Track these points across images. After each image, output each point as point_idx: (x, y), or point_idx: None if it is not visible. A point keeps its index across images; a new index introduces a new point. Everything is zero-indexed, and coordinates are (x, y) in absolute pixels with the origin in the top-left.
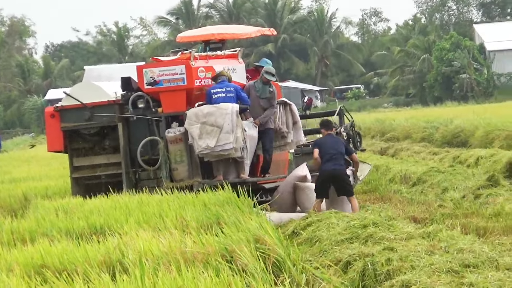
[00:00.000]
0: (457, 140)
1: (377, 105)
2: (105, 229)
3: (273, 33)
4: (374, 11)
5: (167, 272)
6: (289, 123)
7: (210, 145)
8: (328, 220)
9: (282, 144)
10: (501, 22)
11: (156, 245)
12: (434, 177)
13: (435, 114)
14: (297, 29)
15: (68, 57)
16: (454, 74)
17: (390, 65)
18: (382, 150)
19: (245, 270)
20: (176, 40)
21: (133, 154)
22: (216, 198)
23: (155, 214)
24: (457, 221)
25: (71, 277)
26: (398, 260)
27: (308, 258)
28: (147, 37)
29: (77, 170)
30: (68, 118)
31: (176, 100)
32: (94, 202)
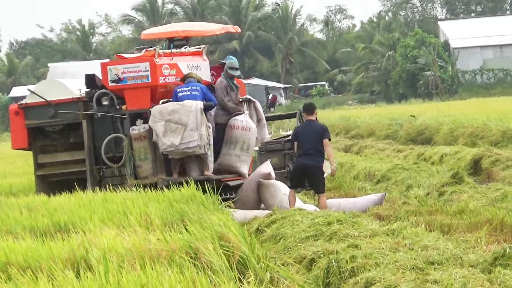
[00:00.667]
0: (421, 137)
1: (341, 102)
2: (69, 227)
3: (237, 30)
4: (339, 8)
5: (131, 270)
6: (254, 121)
7: (174, 142)
8: (292, 218)
9: None
10: (465, 19)
11: (120, 243)
12: (399, 174)
13: (400, 111)
14: (262, 26)
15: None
16: (419, 71)
17: (354, 62)
18: (346, 147)
19: (210, 267)
20: (141, 37)
21: (97, 151)
22: (181, 196)
23: (119, 211)
24: (422, 218)
25: (36, 274)
26: (362, 257)
27: (273, 256)
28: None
29: (41, 168)
30: (33, 115)
31: (140, 98)
32: (58, 199)
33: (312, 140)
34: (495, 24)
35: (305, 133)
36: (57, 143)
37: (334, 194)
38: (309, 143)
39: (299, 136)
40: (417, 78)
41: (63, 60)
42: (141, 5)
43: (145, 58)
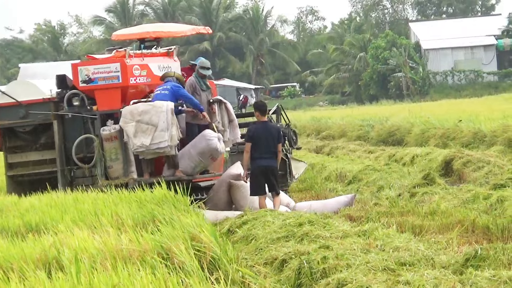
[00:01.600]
0: (392, 138)
1: (312, 103)
2: (40, 227)
3: (208, 31)
4: (311, 9)
5: (103, 270)
6: (225, 122)
7: (145, 143)
8: (263, 218)
9: None
10: (436, 21)
11: (92, 243)
12: (370, 176)
13: (371, 112)
14: (233, 28)
15: (3, 55)
16: (390, 72)
17: (325, 63)
18: (317, 148)
19: (181, 268)
20: (112, 38)
21: (68, 151)
22: (152, 196)
23: (91, 212)
24: (393, 220)
25: (7, 274)
26: (334, 258)
27: (244, 257)
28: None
29: (12, 168)
30: (3, 116)
31: (111, 98)
32: (29, 200)
33: (268, 144)
34: (466, 25)
35: (261, 134)
36: (28, 143)
37: (305, 195)
38: (265, 145)
39: (253, 136)
40: (388, 79)
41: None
42: (113, 7)
43: (116, 59)
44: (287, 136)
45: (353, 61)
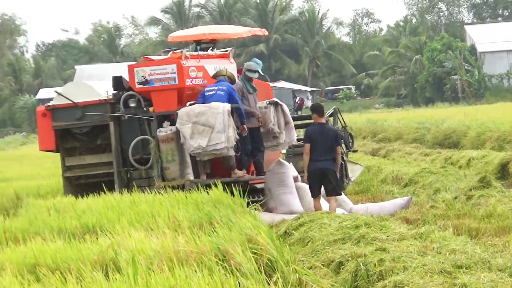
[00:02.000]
0: (448, 141)
1: (368, 106)
2: (97, 229)
3: (265, 33)
4: (366, 12)
5: (160, 271)
6: (281, 124)
7: (202, 144)
8: (320, 221)
9: (274, 144)
10: (492, 23)
11: (149, 245)
12: (426, 178)
13: (427, 115)
14: (289, 30)
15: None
16: (445, 75)
17: (381, 66)
18: (373, 151)
19: (238, 269)
20: (168, 40)
21: (124, 153)
22: (208, 198)
23: (147, 213)
24: (449, 222)
25: (64, 275)
26: (390, 261)
27: (301, 259)
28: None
29: (69, 170)
30: (60, 117)
31: (167, 100)
32: (86, 201)
33: (326, 146)
34: None
35: (319, 136)
36: (84, 145)
37: (361, 197)
38: (323, 147)
39: (311, 137)
40: (444, 82)
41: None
42: (169, 7)
43: (172, 60)
44: (344, 139)
45: (408, 63)
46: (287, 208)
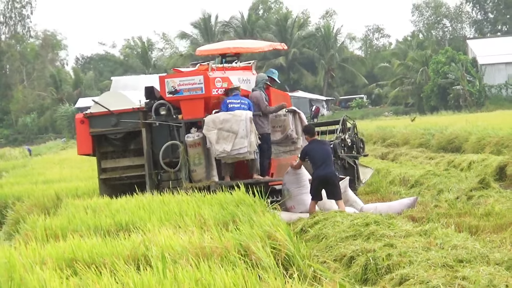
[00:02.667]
0: (451, 145)
1: (378, 113)
2: (130, 226)
3: (284, 47)
4: (377, 27)
5: (186, 266)
6: (299, 130)
7: (226, 149)
8: (333, 219)
9: (292, 149)
10: (492, 38)
11: (177, 241)
12: (431, 180)
13: (432, 122)
14: (306, 44)
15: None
16: (449, 85)
17: (390, 77)
18: (383, 155)
19: (258, 264)
20: (196, 53)
21: (155, 157)
22: (232, 198)
23: (176, 213)
24: (451, 220)
25: (99, 269)
26: (397, 256)
27: (316, 254)
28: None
29: (104, 172)
30: (96, 124)
31: (195, 108)
32: (120, 201)
33: (324, 152)
34: None
35: (316, 148)
36: (118, 149)
37: (371, 197)
38: (322, 155)
39: (309, 152)
40: (448, 91)
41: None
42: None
43: (200, 71)
44: (355, 144)
45: (415, 75)
46: (304, 207)
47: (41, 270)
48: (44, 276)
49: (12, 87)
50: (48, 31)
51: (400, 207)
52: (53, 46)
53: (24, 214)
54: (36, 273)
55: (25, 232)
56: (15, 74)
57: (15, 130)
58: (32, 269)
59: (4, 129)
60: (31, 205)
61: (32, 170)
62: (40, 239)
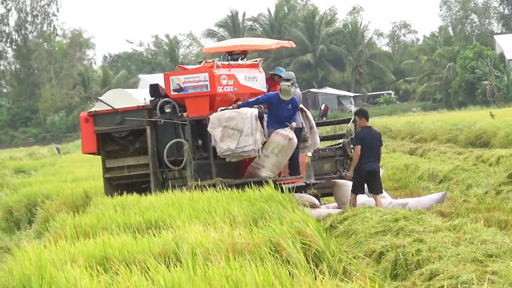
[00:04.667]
0: (480, 141)
1: (406, 109)
2: (159, 224)
3: (292, 45)
4: (404, 23)
5: (217, 263)
6: (306, 127)
7: (231, 147)
8: (362, 215)
9: (301, 147)
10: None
11: (207, 238)
12: (459, 175)
13: (460, 117)
14: (333, 40)
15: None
16: (477, 81)
17: (418, 72)
18: (411, 150)
19: (288, 260)
20: (202, 51)
21: (160, 155)
22: (261, 195)
23: (205, 210)
24: (481, 215)
25: (130, 267)
26: (427, 251)
27: (345, 250)
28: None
29: (109, 171)
30: (101, 122)
31: (200, 105)
32: (149, 198)
33: (375, 143)
34: None
35: (368, 138)
36: (123, 147)
37: (400, 193)
38: (372, 147)
39: (362, 139)
40: (475, 87)
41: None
42: (223, 21)
43: (205, 69)
44: None
45: (443, 70)
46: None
47: (71, 268)
48: (74, 274)
49: (40, 86)
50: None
51: (429, 202)
52: (81, 45)
53: (53, 212)
54: (67, 271)
55: (54, 230)
56: (43, 73)
57: (44, 129)
58: (62, 267)
59: (32, 128)
60: (60, 203)
61: (60, 168)
62: (70, 237)
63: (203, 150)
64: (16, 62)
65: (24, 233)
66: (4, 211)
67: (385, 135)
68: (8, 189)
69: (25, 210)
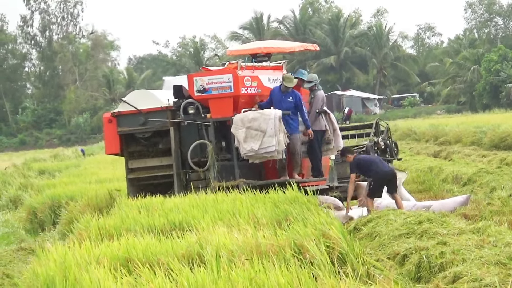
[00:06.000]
0: (504, 143)
1: (431, 112)
2: (183, 225)
3: (316, 48)
4: (428, 26)
5: (240, 264)
6: (330, 130)
7: (254, 148)
8: (386, 217)
9: (324, 150)
10: None
11: (231, 240)
12: (483, 178)
13: (484, 120)
14: (358, 43)
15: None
16: (501, 83)
17: (442, 75)
18: (435, 153)
19: (312, 262)
20: (227, 54)
21: (184, 156)
22: (285, 197)
23: (229, 211)
24: (504, 218)
25: (153, 268)
26: (450, 254)
27: (369, 252)
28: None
29: (132, 172)
30: (124, 123)
31: (223, 106)
32: (173, 200)
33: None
34: None
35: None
36: (146, 148)
37: (424, 196)
38: (381, 162)
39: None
40: (500, 89)
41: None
42: (248, 24)
43: (229, 70)
44: (388, 147)
45: (467, 73)
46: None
47: (95, 269)
48: (98, 276)
49: (65, 88)
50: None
51: (453, 205)
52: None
53: (78, 214)
54: (91, 272)
55: (79, 231)
56: (67, 75)
57: (68, 130)
58: (86, 268)
59: (57, 129)
60: (84, 204)
61: (85, 170)
62: (94, 239)
63: (226, 152)
64: (41, 64)
65: (48, 235)
66: (29, 212)
67: (409, 137)
68: (33, 190)
69: (49, 212)
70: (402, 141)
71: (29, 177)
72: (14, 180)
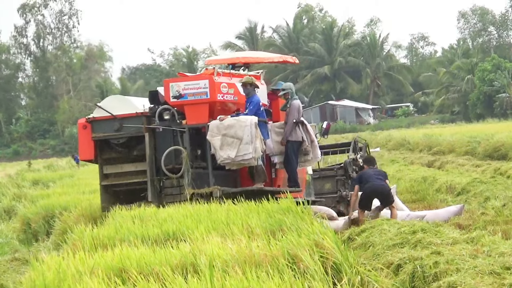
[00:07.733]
0: (498, 153)
1: (424, 121)
2: (177, 235)
3: (295, 61)
4: (422, 35)
5: (234, 274)
6: (308, 141)
7: (231, 155)
8: (380, 227)
9: (302, 161)
10: None
11: (225, 250)
12: (477, 187)
13: (478, 129)
14: (351, 52)
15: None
16: (495, 93)
17: (436, 85)
18: (429, 162)
19: (306, 272)
20: (205, 63)
21: (158, 163)
22: (278, 206)
23: (223, 221)
24: (498, 228)
25: (147, 278)
26: (444, 263)
27: (363, 262)
28: None
29: (106, 178)
30: (99, 128)
31: (199, 113)
32: (167, 210)
33: (377, 176)
34: None
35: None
36: (121, 155)
37: (418, 205)
38: (375, 178)
39: (362, 174)
40: (493, 99)
41: None
42: (242, 33)
43: (205, 76)
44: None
45: (461, 83)
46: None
47: (89, 279)
48: (92, 286)
49: (59, 98)
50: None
51: (447, 215)
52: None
53: (71, 224)
54: (85, 282)
55: (73, 241)
56: (61, 85)
57: (62, 141)
58: (81, 278)
59: (50, 139)
60: (78, 215)
61: (78, 180)
62: (88, 249)
63: (201, 160)
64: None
65: (42, 245)
66: (22, 222)
67: (403, 147)
68: (26, 200)
69: (43, 222)
70: (396, 151)
71: (23, 187)
72: (8, 191)
